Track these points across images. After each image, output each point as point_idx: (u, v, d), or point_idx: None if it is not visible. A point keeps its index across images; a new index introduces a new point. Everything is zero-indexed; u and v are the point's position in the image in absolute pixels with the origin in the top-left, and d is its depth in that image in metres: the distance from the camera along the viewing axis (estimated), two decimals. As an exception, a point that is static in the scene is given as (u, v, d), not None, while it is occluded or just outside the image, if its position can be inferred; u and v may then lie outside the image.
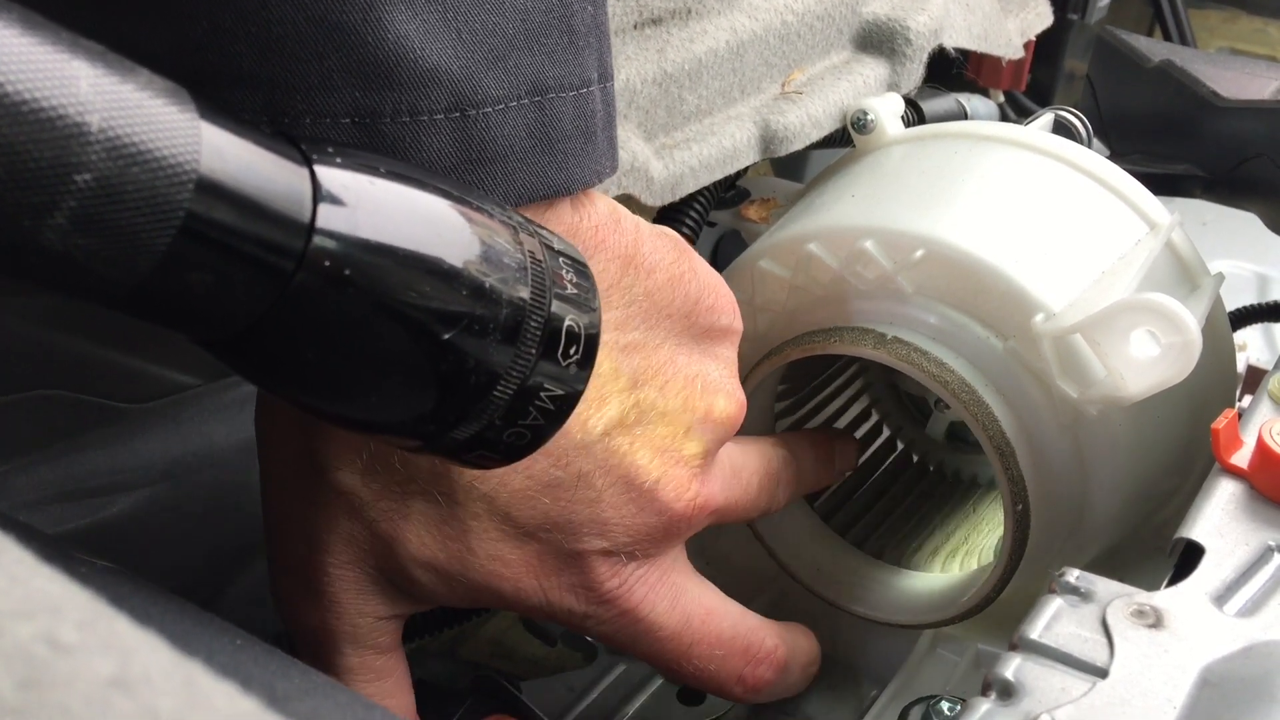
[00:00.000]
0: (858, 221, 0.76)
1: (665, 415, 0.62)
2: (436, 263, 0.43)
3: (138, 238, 0.35)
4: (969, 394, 0.72)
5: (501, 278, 0.45)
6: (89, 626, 0.24)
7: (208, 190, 0.36)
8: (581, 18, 0.54)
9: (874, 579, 0.85)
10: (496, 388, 0.46)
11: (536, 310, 0.46)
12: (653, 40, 0.79)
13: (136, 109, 0.34)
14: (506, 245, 0.46)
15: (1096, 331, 0.67)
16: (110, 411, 0.75)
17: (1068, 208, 0.79)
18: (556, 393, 0.48)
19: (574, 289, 0.49)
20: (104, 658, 0.23)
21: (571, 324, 0.48)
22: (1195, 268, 0.81)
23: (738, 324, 0.68)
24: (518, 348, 0.46)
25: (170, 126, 0.35)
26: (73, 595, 0.24)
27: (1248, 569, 0.60)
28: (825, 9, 0.93)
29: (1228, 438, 0.67)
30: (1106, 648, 0.55)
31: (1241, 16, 1.95)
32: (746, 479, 0.71)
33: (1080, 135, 0.96)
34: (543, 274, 0.47)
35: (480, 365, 0.45)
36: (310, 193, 0.40)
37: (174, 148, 0.35)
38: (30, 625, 0.23)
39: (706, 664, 0.68)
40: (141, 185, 0.34)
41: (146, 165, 0.34)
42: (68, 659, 0.23)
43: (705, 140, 0.82)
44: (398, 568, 0.59)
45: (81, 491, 0.73)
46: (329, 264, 0.40)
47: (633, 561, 0.63)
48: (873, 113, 0.87)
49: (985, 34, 1.08)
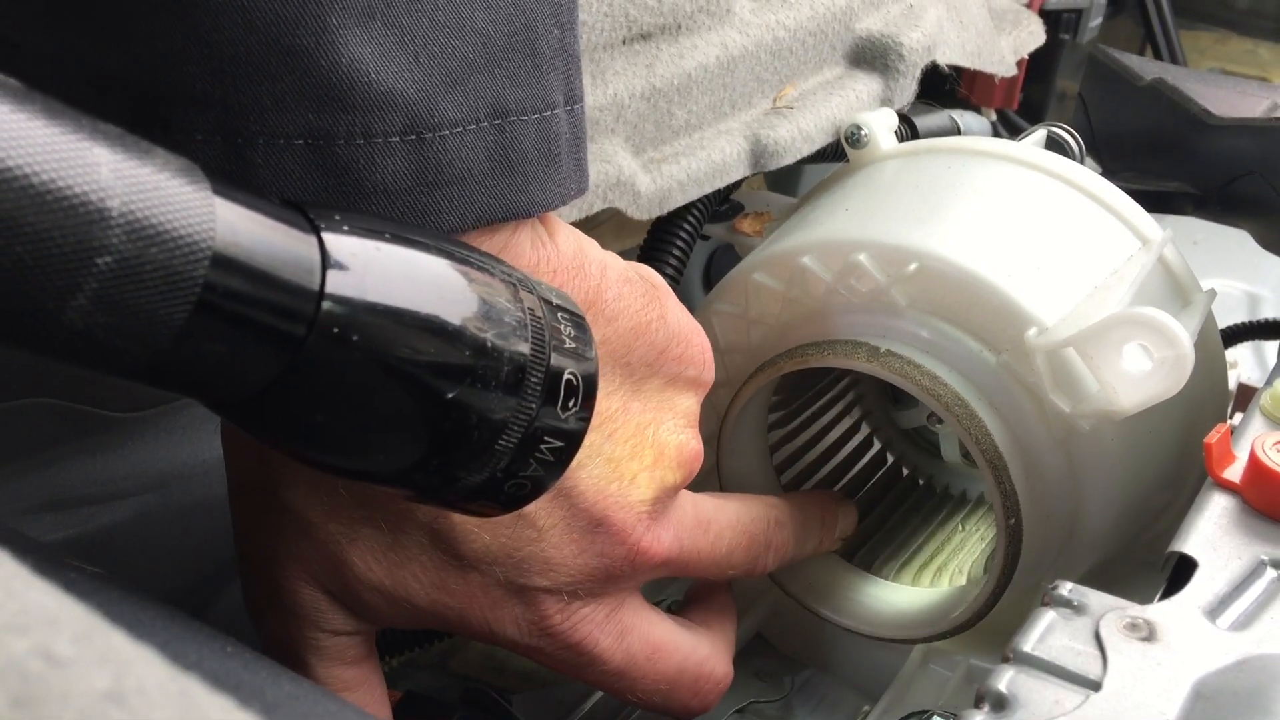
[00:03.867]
0: (851, 235, 0.76)
1: (611, 461, 0.61)
2: (439, 322, 0.44)
3: (156, 314, 0.36)
4: (962, 408, 0.72)
5: (501, 333, 0.46)
6: (84, 640, 0.24)
7: (222, 265, 0.37)
8: (547, 41, 0.53)
9: (866, 593, 0.85)
10: (500, 440, 0.47)
11: (537, 365, 0.48)
12: (642, 55, 0.79)
13: (154, 190, 0.35)
14: (507, 304, 0.47)
15: (1089, 345, 0.67)
16: (101, 420, 0.74)
17: (1060, 223, 0.79)
18: (556, 444, 0.50)
19: (572, 342, 0.51)
20: (100, 671, 0.23)
21: (570, 376, 0.50)
22: (1187, 283, 0.81)
23: (708, 375, 0.67)
24: (520, 399, 0.48)
25: (186, 205, 0.36)
26: (68, 609, 0.24)
27: (1240, 583, 0.60)
28: (818, 25, 0.93)
29: (1220, 452, 0.67)
30: (1100, 661, 0.55)
31: (1232, 38, 1.96)
32: (716, 533, 0.69)
33: (1073, 152, 0.97)
34: (542, 329, 0.49)
35: (484, 420, 0.46)
36: (319, 260, 0.41)
37: (190, 226, 0.36)
38: (25, 640, 0.23)
39: (652, 695, 0.68)
40: (160, 264, 0.35)
41: (165, 245, 0.35)
42: (63, 673, 0.22)
43: (694, 154, 0.82)
44: (348, 589, 0.59)
45: (71, 500, 0.73)
46: (338, 329, 0.41)
47: (577, 600, 0.63)
48: (866, 127, 0.87)
49: (978, 51, 1.09)
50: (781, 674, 0.89)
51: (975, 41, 1.08)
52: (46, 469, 0.72)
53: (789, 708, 0.86)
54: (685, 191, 0.81)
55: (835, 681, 0.88)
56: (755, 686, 0.87)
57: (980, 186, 0.80)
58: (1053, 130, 0.97)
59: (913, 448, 0.97)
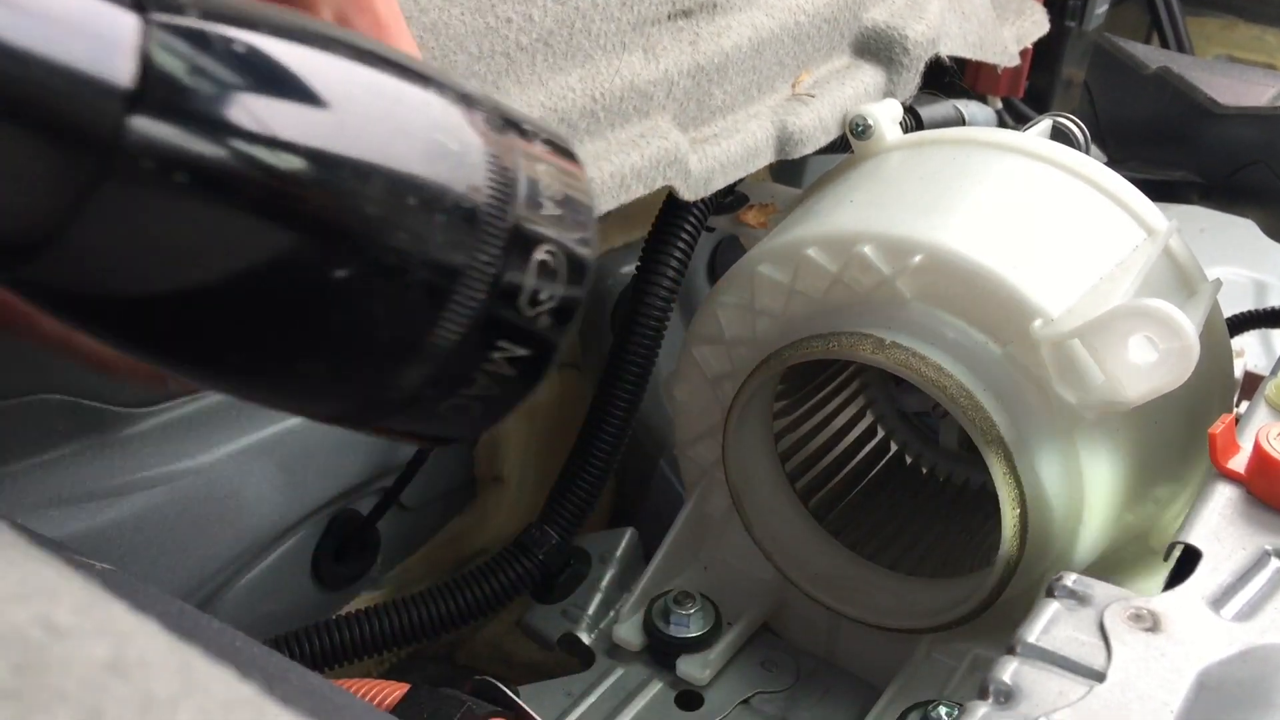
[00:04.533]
0: (856, 227, 0.76)
1: None
2: (321, 154, 0.32)
3: None
4: (967, 399, 0.72)
5: (441, 173, 0.34)
6: (85, 611, 0.24)
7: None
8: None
9: (872, 584, 0.85)
10: (437, 332, 0.34)
11: (493, 221, 0.35)
12: (685, 32, 0.80)
13: None
14: (459, 121, 0.35)
15: (1095, 337, 0.67)
16: (108, 416, 0.75)
17: (1065, 214, 0.79)
18: (519, 352, 0.36)
19: (555, 208, 0.37)
20: (100, 642, 0.23)
21: (548, 254, 0.36)
22: (1193, 273, 0.81)
23: None
24: (468, 267, 0.34)
25: None
26: (68, 580, 0.24)
27: (1245, 573, 0.60)
28: (832, 11, 0.93)
29: (1225, 443, 0.67)
30: (1104, 651, 0.55)
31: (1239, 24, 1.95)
32: None
33: (1078, 141, 0.96)
34: (510, 178, 0.35)
35: (404, 301, 0.34)
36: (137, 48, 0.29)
37: None
38: (26, 609, 0.23)
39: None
40: None
41: None
42: (63, 642, 0.22)
43: (731, 137, 0.82)
44: None
45: (78, 496, 0.73)
46: (156, 147, 0.29)
47: None
48: (871, 118, 0.87)
49: (981, 42, 1.08)
50: (788, 664, 0.89)
51: (977, 32, 1.08)
52: (53, 465, 0.72)
53: (795, 698, 0.86)
54: (726, 174, 0.82)
55: (841, 672, 0.89)
56: (762, 677, 0.87)
57: (984, 178, 0.80)
58: (1058, 120, 0.97)
59: (916, 436, 0.97)
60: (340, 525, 0.91)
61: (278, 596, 0.87)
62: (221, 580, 0.82)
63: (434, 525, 1.02)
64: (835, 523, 0.89)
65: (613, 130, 0.74)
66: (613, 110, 0.73)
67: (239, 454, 0.80)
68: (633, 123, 0.76)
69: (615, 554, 0.94)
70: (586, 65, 0.72)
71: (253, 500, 0.82)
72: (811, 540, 0.87)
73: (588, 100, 0.72)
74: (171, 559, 0.78)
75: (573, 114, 0.70)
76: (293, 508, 0.86)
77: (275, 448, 0.83)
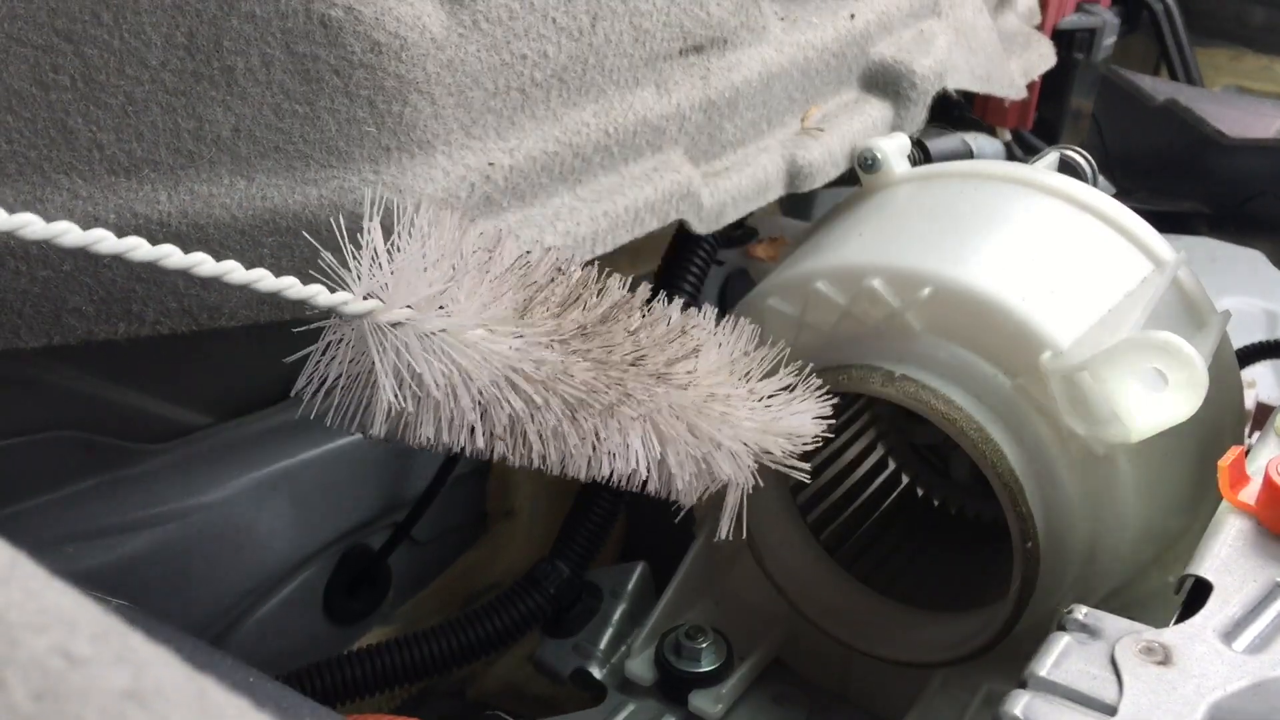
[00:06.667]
0: (865, 260, 0.77)
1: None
2: None
3: None
4: (977, 431, 0.72)
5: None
6: (102, 640, 0.24)
7: None
8: None
9: (884, 618, 0.85)
10: None
11: None
12: (696, 68, 0.80)
13: None
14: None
15: (1104, 369, 0.67)
16: (122, 451, 0.75)
17: (1074, 246, 0.79)
18: None
19: None
20: (118, 670, 0.23)
21: None
22: (1202, 305, 0.81)
23: None
24: None
25: None
26: (86, 609, 0.25)
27: (1256, 605, 0.60)
28: (840, 46, 0.94)
29: (1235, 474, 0.67)
30: (1115, 685, 0.55)
31: (1247, 54, 1.96)
32: None
33: (1085, 174, 0.97)
34: None
35: None
36: None
37: None
38: (45, 638, 0.23)
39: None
40: None
41: None
42: (82, 671, 0.23)
43: (741, 170, 0.83)
44: None
45: (93, 531, 0.74)
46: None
47: None
48: (880, 152, 0.87)
49: (988, 75, 1.09)
50: (800, 699, 0.88)
51: (985, 65, 1.08)
52: (67, 501, 0.73)
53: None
54: (737, 207, 0.82)
55: (854, 706, 0.88)
56: (774, 711, 0.87)
57: (993, 211, 0.81)
58: (1065, 153, 0.98)
59: (928, 469, 0.97)
60: (352, 560, 0.91)
61: (290, 632, 0.87)
62: (234, 615, 0.82)
63: (446, 560, 1.02)
64: (847, 556, 0.88)
65: (626, 164, 0.75)
66: (626, 144, 0.74)
67: (252, 489, 0.81)
68: (646, 157, 0.76)
69: (627, 588, 0.94)
70: (600, 100, 0.73)
71: (265, 536, 0.82)
72: (823, 574, 0.87)
73: (601, 135, 0.72)
74: (185, 594, 0.78)
75: (587, 148, 0.71)
76: (305, 543, 0.86)
77: (287, 483, 0.83)
